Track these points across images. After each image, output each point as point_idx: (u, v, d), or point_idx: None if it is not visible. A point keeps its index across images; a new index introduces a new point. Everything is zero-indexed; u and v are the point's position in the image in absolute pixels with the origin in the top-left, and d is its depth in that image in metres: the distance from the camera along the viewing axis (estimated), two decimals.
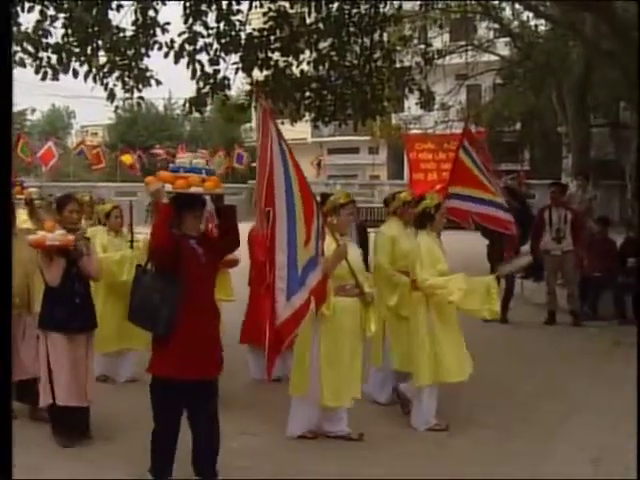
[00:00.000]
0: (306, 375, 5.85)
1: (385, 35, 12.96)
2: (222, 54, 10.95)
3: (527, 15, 20.88)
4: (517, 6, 19.90)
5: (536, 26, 21.48)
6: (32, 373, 6.06)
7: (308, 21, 11.49)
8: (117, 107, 11.77)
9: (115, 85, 10.62)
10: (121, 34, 10.39)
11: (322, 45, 11.68)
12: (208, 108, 16.25)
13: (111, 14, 10.33)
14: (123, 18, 11.08)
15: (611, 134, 29.01)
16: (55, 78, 10.18)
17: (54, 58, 9.98)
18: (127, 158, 34.66)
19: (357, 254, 6.14)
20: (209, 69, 10.93)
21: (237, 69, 11.11)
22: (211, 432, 4.92)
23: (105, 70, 10.48)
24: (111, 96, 10.59)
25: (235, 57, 11.08)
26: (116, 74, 10.57)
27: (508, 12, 21.19)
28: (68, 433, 5.81)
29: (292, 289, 5.27)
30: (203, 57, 10.80)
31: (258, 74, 11.62)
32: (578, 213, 11.65)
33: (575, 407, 7.00)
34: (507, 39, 22.49)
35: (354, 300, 5.87)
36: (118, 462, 5.44)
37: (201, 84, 11.00)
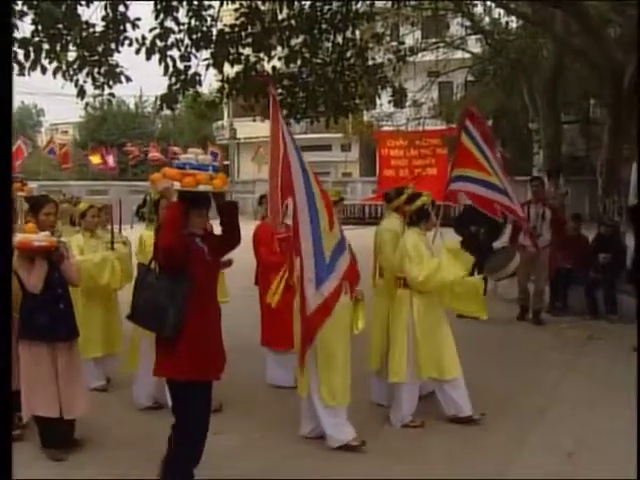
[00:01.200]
0: (307, 376, 5.74)
1: (357, 32, 12.95)
2: (193, 50, 10.87)
3: (498, 12, 20.97)
4: (489, 3, 19.97)
5: (507, 23, 21.56)
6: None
7: (280, 17, 11.44)
8: (87, 104, 11.66)
9: (85, 82, 10.50)
10: (91, 30, 10.27)
11: (294, 42, 11.63)
12: (179, 105, 16.14)
13: (80, 9, 10.23)
14: (93, 13, 10.97)
15: (581, 131, 29.25)
16: (22, 74, 10.02)
17: (22, 54, 9.82)
18: (95, 158, 34.42)
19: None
20: (180, 65, 10.84)
21: (208, 65, 11.04)
22: (202, 439, 4.87)
23: (75, 66, 10.34)
24: (81, 93, 10.46)
25: (206, 53, 11.01)
26: (86, 70, 10.44)
27: (480, 9, 21.26)
28: (58, 446, 5.60)
29: (320, 277, 5.18)
30: (174, 53, 10.72)
31: (229, 70, 11.55)
32: (557, 209, 11.69)
33: (550, 401, 7.03)
34: (479, 36, 22.57)
35: (346, 298, 5.76)
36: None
37: (172, 80, 10.91)
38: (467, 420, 6.29)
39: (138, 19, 10.38)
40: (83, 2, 10.24)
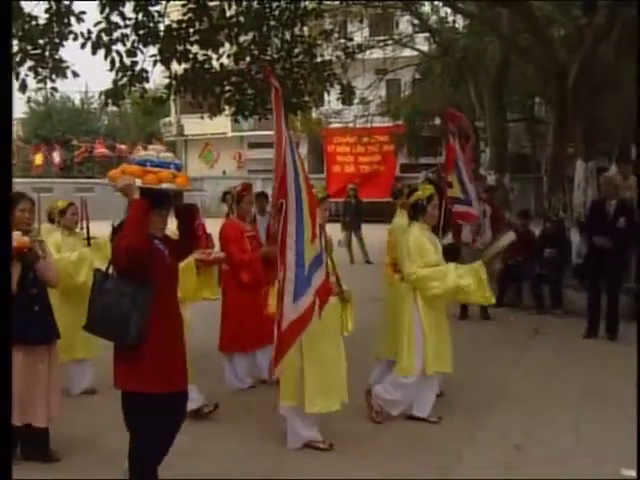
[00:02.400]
0: (292, 382, 5.62)
1: (306, 29, 12.93)
2: (140, 46, 10.72)
3: (446, 11, 21.16)
4: (436, 2, 20.15)
5: (455, 22, 21.78)
6: None
7: (228, 14, 11.36)
8: (29, 98, 11.40)
9: (27, 75, 10.26)
10: (33, 22, 10.05)
11: (242, 39, 11.56)
12: (126, 101, 15.94)
13: (24, 2, 10.02)
14: (36, 6, 10.72)
15: (527, 129, 29.70)
16: None
17: None
18: (38, 158, 33.87)
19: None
20: (127, 61, 10.69)
21: (155, 61, 10.90)
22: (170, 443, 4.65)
23: (17, 60, 10.11)
24: (23, 87, 10.22)
25: (153, 49, 10.87)
26: (28, 64, 10.21)
27: (428, 8, 21.43)
28: (37, 455, 5.37)
29: (299, 290, 4.96)
30: (120, 48, 10.56)
31: (177, 67, 11.43)
32: (497, 207, 11.85)
33: (498, 395, 7.11)
34: (426, 34, 22.75)
35: (334, 299, 5.63)
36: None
37: (118, 76, 10.75)
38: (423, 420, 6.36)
39: (83, 12, 10.21)
40: None
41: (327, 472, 5.34)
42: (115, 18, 10.40)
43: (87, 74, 15.31)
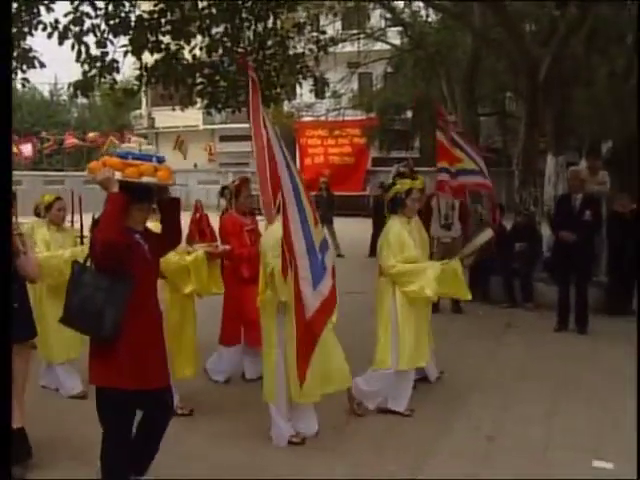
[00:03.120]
0: (274, 377, 5.57)
1: (279, 22, 12.86)
2: (110, 36, 10.60)
3: (418, 5, 21.16)
4: None
5: (427, 16, 21.79)
6: None
7: (200, 5, 11.26)
8: None
9: None
10: None
11: (215, 30, 11.48)
12: (96, 93, 15.77)
13: None
14: None
15: (498, 123, 29.85)
16: None
17: None
18: None
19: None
20: (97, 51, 10.56)
21: (126, 52, 10.78)
22: (157, 441, 4.63)
23: None
24: None
25: (124, 39, 10.75)
26: None
27: (401, 2, 21.41)
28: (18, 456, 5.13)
29: (317, 276, 4.93)
30: (90, 39, 10.43)
31: (148, 58, 11.32)
32: (463, 200, 11.89)
33: (470, 388, 7.15)
34: (399, 28, 22.74)
35: None
36: None
37: (87, 67, 10.61)
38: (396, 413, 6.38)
39: (53, 2, 10.07)
40: None
41: (308, 468, 5.33)
42: (85, 8, 10.26)
43: (56, 65, 15.13)
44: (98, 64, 10.64)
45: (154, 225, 4.87)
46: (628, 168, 15.95)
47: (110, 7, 10.50)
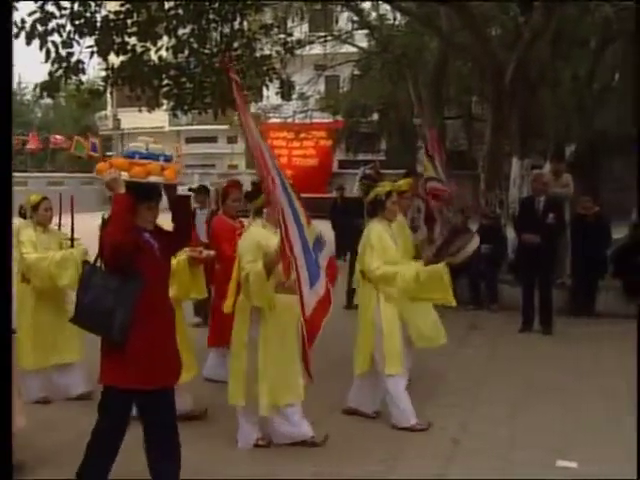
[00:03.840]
0: (243, 381, 5.49)
1: (245, 23, 12.83)
2: (76, 37, 10.49)
3: (385, 8, 21.25)
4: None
5: (394, 19, 21.90)
6: None
7: (167, 6, 11.19)
8: None
9: None
10: None
11: (181, 32, 11.40)
12: (61, 93, 15.62)
13: None
14: None
15: (464, 126, 30.07)
16: None
17: None
18: None
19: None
20: (62, 52, 10.45)
21: (92, 53, 10.69)
22: (174, 448, 4.55)
23: None
24: None
25: (90, 40, 10.65)
26: None
27: (368, 5, 21.50)
28: None
29: (313, 275, 4.92)
30: (56, 39, 10.30)
31: (114, 59, 11.23)
32: (429, 203, 11.96)
33: (435, 389, 7.19)
34: (366, 31, 22.83)
35: (294, 297, 5.32)
36: None
37: (54, 67, 10.50)
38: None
39: (17, 0, 9.94)
40: None
41: (274, 471, 5.33)
42: (50, 7, 10.15)
43: (20, 65, 14.95)
44: (64, 65, 10.52)
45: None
46: (591, 171, 16.18)
47: (76, 7, 10.38)
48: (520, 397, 7.07)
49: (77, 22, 10.38)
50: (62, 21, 10.27)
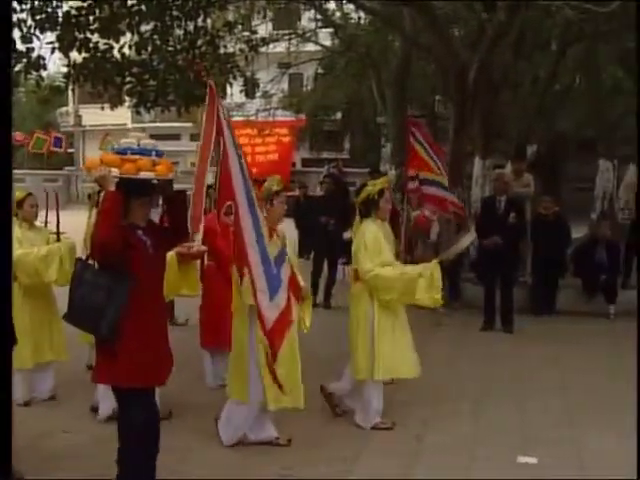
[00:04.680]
0: (245, 378, 5.43)
1: (209, 20, 12.77)
2: (37, 32, 10.36)
3: (349, 7, 21.28)
4: None
5: (359, 18, 21.94)
6: None
7: (129, 2, 11.10)
8: None
9: None
10: None
11: (144, 28, 11.30)
12: (21, 89, 15.39)
13: None
14: None
15: (427, 125, 30.17)
16: None
17: None
18: None
19: (293, 246, 5.86)
20: (22, 47, 10.31)
21: (53, 49, 10.56)
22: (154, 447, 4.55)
23: None
24: None
25: (51, 36, 10.53)
26: None
27: (332, 4, 21.52)
28: None
29: (273, 287, 4.86)
30: (15, 34, 10.16)
31: (76, 55, 11.11)
32: (394, 200, 12.01)
33: (397, 386, 7.20)
34: (330, 30, 22.85)
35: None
36: None
37: (13, 63, 10.35)
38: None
39: None
40: None
41: (238, 468, 5.32)
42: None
43: None
44: (24, 60, 10.37)
45: None
46: (552, 171, 16.39)
47: (36, 2, 10.26)
48: (482, 394, 7.14)
49: (38, 17, 10.25)
50: (23, 15, 10.14)
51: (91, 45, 10.78)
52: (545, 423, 6.32)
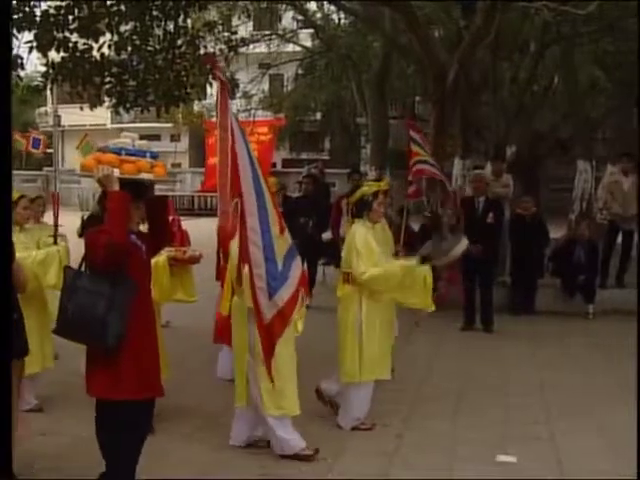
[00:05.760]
0: (245, 382, 5.39)
1: (189, 20, 12.74)
2: (14, 31, 10.28)
3: (330, 8, 21.32)
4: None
5: (339, 19, 21.99)
6: None
7: (109, 2, 11.05)
8: None
9: None
10: None
11: (124, 28, 11.26)
12: None
13: None
14: None
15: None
16: None
17: None
18: None
19: None
20: None
21: (31, 48, 10.49)
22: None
23: None
24: None
25: (29, 35, 10.45)
26: None
27: (313, 4, 21.55)
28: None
29: (274, 286, 4.80)
30: None
31: (55, 55, 11.05)
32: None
33: (377, 386, 7.13)
34: (310, 30, 22.88)
35: None
36: None
37: None
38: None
39: None
40: None
41: (216, 468, 5.32)
42: None
43: None
44: None
45: None
46: (530, 172, 16.49)
47: (14, 0, 10.18)
48: (462, 394, 7.17)
49: (15, 16, 10.18)
50: None
51: (70, 45, 10.72)
52: (524, 422, 6.36)
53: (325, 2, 19.85)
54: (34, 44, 10.42)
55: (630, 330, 9.75)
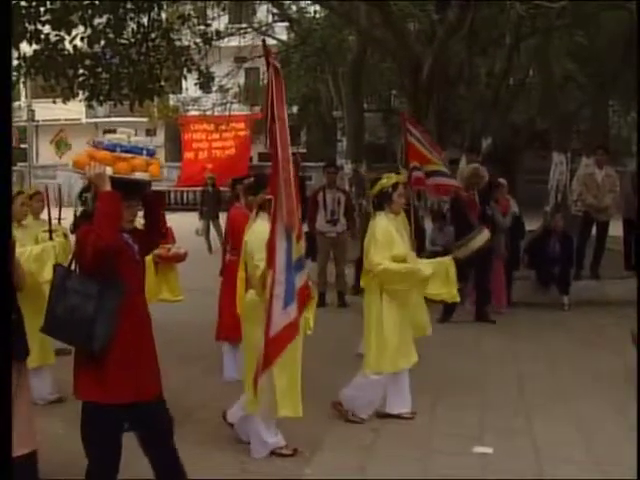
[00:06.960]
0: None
1: (163, 13, 12.67)
2: None
3: (305, 2, 21.27)
4: None
5: (314, 12, 21.94)
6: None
7: None
8: None
9: None
10: None
11: (97, 21, 11.16)
12: None
13: None
14: None
15: (383, 119, 30.36)
16: None
17: None
18: None
19: None
20: None
21: None
22: (175, 463, 4.33)
23: None
24: None
25: None
26: None
27: None
28: None
29: (289, 296, 4.72)
30: None
31: (27, 48, 10.93)
32: (349, 195, 12.07)
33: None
34: (286, 24, 22.83)
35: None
36: None
37: None
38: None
39: None
40: None
41: (196, 465, 5.29)
42: None
43: None
44: None
45: None
46: (506, 164, 16.57)
47: None
48: (438, 386, 7.17)
49: None
50: None
51: (42, 37, 10.60)
52: (501, 413, 6.38)
53: None
54: None
55: (605, 321, 9.89)
